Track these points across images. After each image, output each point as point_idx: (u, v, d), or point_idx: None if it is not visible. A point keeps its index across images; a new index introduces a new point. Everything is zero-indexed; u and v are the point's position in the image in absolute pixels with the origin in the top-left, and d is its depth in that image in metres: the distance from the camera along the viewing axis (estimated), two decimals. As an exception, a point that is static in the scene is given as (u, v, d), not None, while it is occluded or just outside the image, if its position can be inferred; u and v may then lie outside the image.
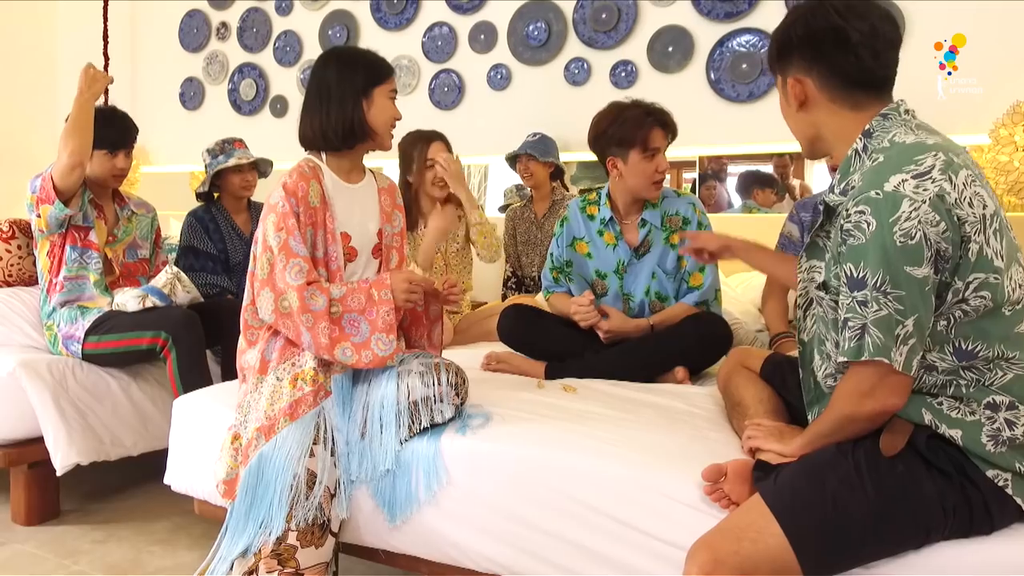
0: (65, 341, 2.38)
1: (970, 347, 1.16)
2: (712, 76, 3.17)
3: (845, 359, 1.16)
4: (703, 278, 2.20)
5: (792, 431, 1.39)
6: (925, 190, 1.11)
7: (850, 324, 1.15)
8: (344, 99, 1.69)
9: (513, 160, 3.32)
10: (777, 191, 3.74)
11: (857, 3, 1.25)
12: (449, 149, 2.77)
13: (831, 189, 1.28)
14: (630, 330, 2.14)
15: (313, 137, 1.74)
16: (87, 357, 2.36)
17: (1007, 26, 2.66)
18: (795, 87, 1.30)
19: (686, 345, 2.05)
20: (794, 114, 1.34)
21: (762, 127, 3.07)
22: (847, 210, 1.16)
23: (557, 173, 3.39)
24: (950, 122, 2.61)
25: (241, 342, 1.75)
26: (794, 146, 3.48)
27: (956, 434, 1.15)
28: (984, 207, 1.14)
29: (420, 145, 2.71)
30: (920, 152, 1.16)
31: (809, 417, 1.37)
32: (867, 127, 1.25)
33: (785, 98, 1.34)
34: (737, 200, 3.73)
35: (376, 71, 1.74)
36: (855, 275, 1.13)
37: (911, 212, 1.10)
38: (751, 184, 3.73)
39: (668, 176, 2.27)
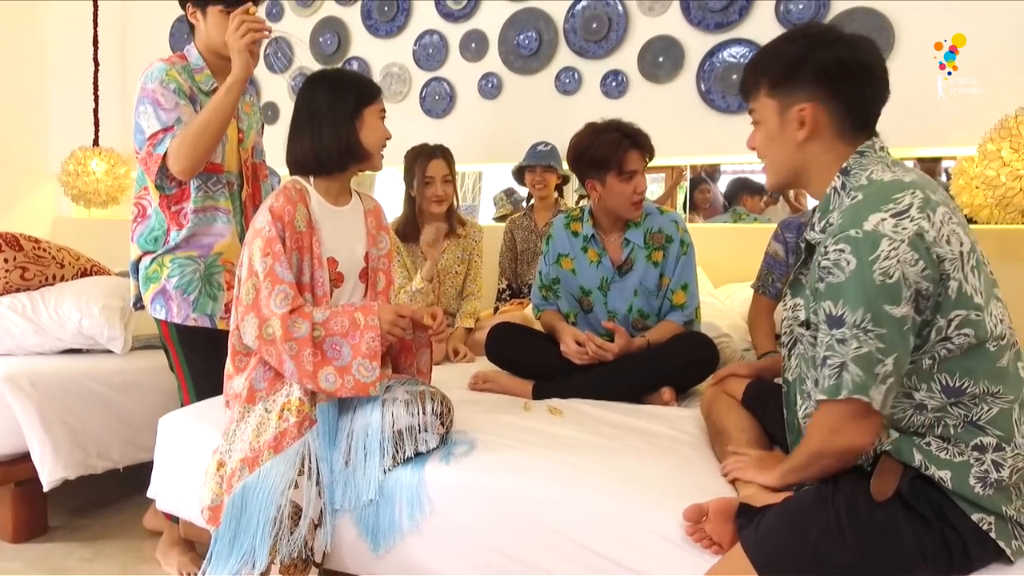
0: (157, 296, 2.06)
1: (957, 384, 1.17)
2: (702, 87, 3.17)
3: (823, 396, 1.16)
4: (686, 297, 2.21)
5: (774, 459, 1.40)
6: (904, 229, 1.11)
7: (829, 362, 1.15)
8: (337, 120, 1.69)
9: (521, 172, 3.30)
10: (770, 195, 3.74)
11: (862, 38, 1.26)
12: (451, 163, 2.79)
13: (811, 227, 1.28)
14: (632, 351, 2.14)
15: (306, 160, 1.72)
16: (156, 321, 2.11)
17: (1007, 26, 2.65)
18: (810, 115, 1.25)
19: (673, 366, 2.06)
20: (791, 143, 1.28)
21: (752, 138, 3.07)
22: (825, 247, 1.16)
23: (562, 183, 3.39)
24: (950, 122, 2.62)
25: (229, 367, 1.74)
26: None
27: (945, 475, 1.15)
28: (961, 244, 1.15)
29: (421, 160, 2.74)
30: (898, 190, 1.16)
31: None
32: (844, 164, 1.25)
33: (780, 126, 1.28)
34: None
35: (366, 91, 1.75)
36: (833, 313, 1.14)
37: (890, 251, 1.10)
38: (740, 191, 3.73)
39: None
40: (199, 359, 2.09)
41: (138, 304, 2.16)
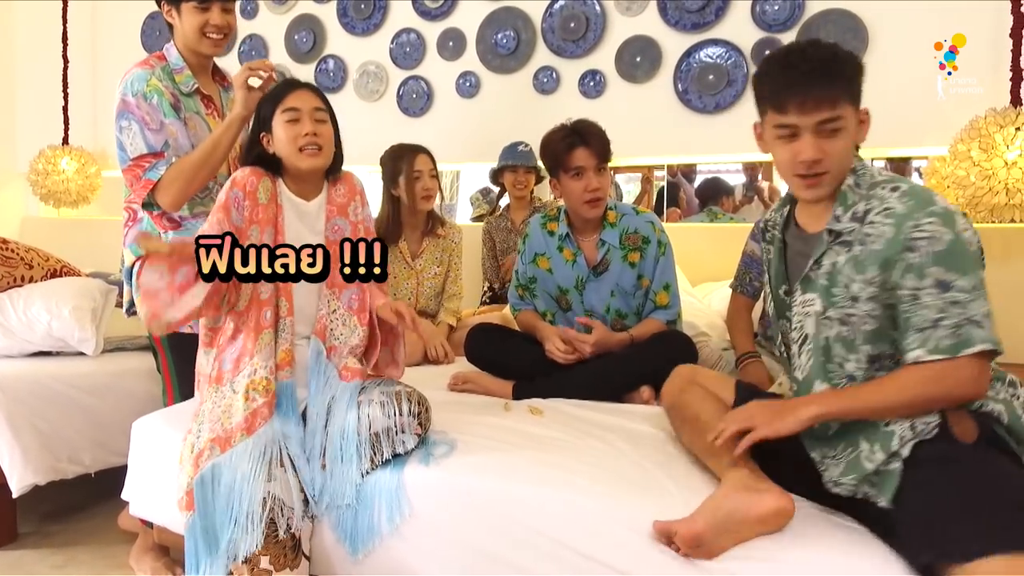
0: None
1: None
2: (679, 87, 3.19)
3: (940, 356, 1.22)
4: (669, 297, 2.22)
5: (784, 404, 1.35)
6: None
7: (944, 323, 1.23)
8: (253, 146, 1.74)
9: (498, 172, 3.28)
10: (746, 194, 3.78)
11: (800, 47, 1.36)
12: (433, 162, 2.76)
13: (837, 219, 1.36)
14: (613, 344, 2.13)
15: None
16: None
17: (1007, 26, 2.66)
18: (756, 127, 1.45)
19: (652, 364, 2.05)
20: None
21: (728, 138, 3.09)
22: (915, 222, 1.25)
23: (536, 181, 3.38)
24: (950, 122, 2.65)
25: (201, 335, 1.73)
26: (759, 157, 3.52)
27: (999, 409, 1.26)
28: None
29: (407, 157, 2.70)
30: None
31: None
32: (854, 165, 1.38)
33: None
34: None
35: (267, 104, 1.74)
36: (943, 279, 1.23)
37: (966, 224, 1.26)
38: (716, 192, 3.77)
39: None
40: (188, 365, 2.03)
41: (131, 310, 2.12)
